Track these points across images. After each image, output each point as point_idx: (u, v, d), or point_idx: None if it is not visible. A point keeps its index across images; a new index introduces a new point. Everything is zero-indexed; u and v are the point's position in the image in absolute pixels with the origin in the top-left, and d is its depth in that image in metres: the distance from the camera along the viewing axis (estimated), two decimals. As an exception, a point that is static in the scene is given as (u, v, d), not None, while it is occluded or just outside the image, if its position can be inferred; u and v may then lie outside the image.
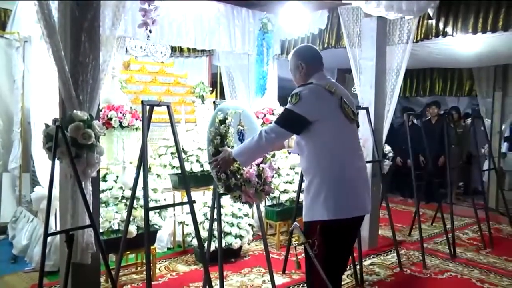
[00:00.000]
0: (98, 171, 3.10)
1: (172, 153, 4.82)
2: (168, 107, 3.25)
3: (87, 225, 2.71)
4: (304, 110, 2.55)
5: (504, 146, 9.64)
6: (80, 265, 2.79)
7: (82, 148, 2.75)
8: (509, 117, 7.72)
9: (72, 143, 2.67)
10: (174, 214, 4.94)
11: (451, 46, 5.84)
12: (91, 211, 2.74)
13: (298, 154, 2.84)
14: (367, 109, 4.77)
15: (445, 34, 4.89)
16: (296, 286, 4.04)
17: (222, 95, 6.83)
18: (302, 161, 2.77)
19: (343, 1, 4.32)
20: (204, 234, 4.15)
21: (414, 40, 5.10)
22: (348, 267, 4.36)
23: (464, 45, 5.74)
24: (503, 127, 7.76)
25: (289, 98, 2.63)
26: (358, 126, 2.83)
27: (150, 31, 3.40)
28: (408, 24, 5.07)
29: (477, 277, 4.34)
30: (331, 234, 2.60)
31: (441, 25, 4.88)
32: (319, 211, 2.59)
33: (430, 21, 4.99)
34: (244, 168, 3.22)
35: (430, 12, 4.91)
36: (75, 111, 2.74)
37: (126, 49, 5.86)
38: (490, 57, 6.67)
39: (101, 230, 3.84)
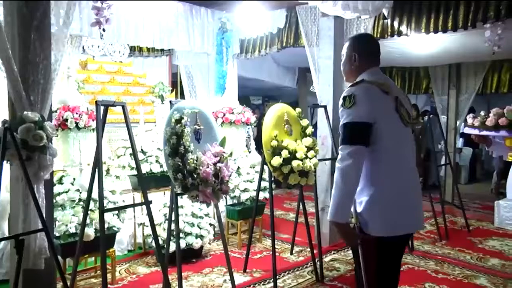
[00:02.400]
0: (52, 174, 3.03)
1: (131, 154, 4.76)
2: (123, 107, 3.20)
3: (39, 229, 2.65)
4: (363, 113, 2.19)
5: (460, 142, 9.98)
6: (34, 271, 2.73)
7: (34, 150, 2.69)
8: (463, 114, 7.99)
9: (23, 145, 2.61)
10: (134, 216, 4.88)
11: (407, 46, 6.00)
12: (44, 214, 2.68)
13: None
14: (325, 107, 4.85)
15: (400, 33, 5.02)
16: (256, 284, 4.06)
17: (182, 95, 6.79)
18: None
19: (300, 1, 4.36)
20: (165, 234, 4.12)
21: (371, 39, 5.20)
22: (309, 263, 4.48)
23: (420, 44, 5.92)
24: (458, 123, 8.03)
25: (341, 101, 2.28)
26: (413, 131, 2.50)
27: (103, 30, 3.35)
28: (365, 24, 5.16)
29: (432, 268, 4.49)
30: (386, 251, 2.30)
31: (396, 24, 5.01)
32: (376, 225, 2.25)
33: (385, 21, 5.11)
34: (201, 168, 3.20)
35: (385, 12, 5.02)
36: (25, 112, 2.68)
37: (83, 48, 5.74)
38: (444, 56, 6.90)
39: (57, 234, 3.77)
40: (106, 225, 3.85)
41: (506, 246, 5.35)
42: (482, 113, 3.69)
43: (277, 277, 4.00)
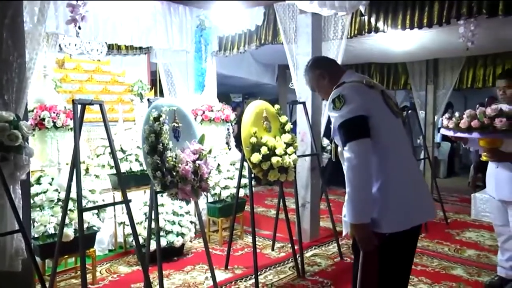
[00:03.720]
0: (28, 174, 2.99)
1: (110, 153, 4.72)
2: (100, 105, 3.17)
3: (15, 230, 2.61)
4: (356, 108, 2.15)
5: (438, 137, 10.13)
6: (11, 273, 2.69)
7: (9, 150, 2.64)
8: (441, 109, 8.13)
9: (-3, 145, 2.57)
10: (115, 215, 4.84)
11: (385, 42, 6.07)
12: (21, 215, 2.65)
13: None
14: (304, 103, 4.87)
15: (377, 30, 5.07)
16: (238, 281, 4.07)
17: (161, 93, 6.76)
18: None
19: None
20: (146, 233, 4.10)
21: (349, 36, 5.26)
22: (290, 259, 4.51)
23: (397, 41, 5.99)
24: (436, 118, 8.15)
25: (330, 106, 2.23)
26: (404, 122, 2.48)
27: (79, 28, 3.31)
28: (342, 21, 5.21)
29: (411, 262, 4.56)
30: (393, 250, 2.21)
31: (373, 21, 5.06)
32: (389, 221, 2.16)
33: (362, 18, 5.16)
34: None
35: (362, 9, 5.07)
36: (-1, 112, 2.63)
37: (60, 46, 5.66)
38: (421, 52, 7.00)
39: (36, 235, 3.73)
40: (86, 225, 3.83)
41: (482, 237, 5.46)
42: (457, 114, 3.74)
43: (259, 273, 4.02)
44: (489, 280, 4.01)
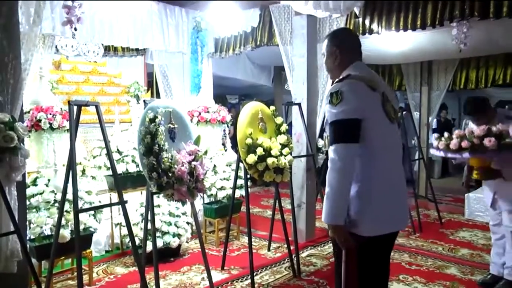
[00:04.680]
0: (24, 175, 2.97)
1: (106, 154, 4.70)
2: (96, 107, 3.15)
3: (10, 231, 2.59)
4: (351, 109, 2.11)
5: (432, 137, 10.12)
6: (6, 275, 2.67)
7: (4, 152, 2.63)
8: (435, 110, 8.14)
9: (-8, 146, 2.55)
10: (111, 216, 4.82)
11: (380, 44, 6.06)
12: (17, 217, 2.62)
13: None
14: (299, 104, 4.86)
15: (371, 31, 5.06)
16: (234, 281, 4.06)
17: (158, 95, 6.73)
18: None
19: (272, 0, 4.37)
20: (142, 234, 4.08)
21: (343, 38, 5.24)
22: (286, 259, 4.49)
23: (392, 42, 5.99)
24: (430, 119, 8.16)
25: (328, 98, 2.21)
26: (399, 126, 2.41)
27: (75, 29, 3.29)
28: (337, 22, 5.20)
29: (406, 260, 4.56)
30: (370, 252, 2.22)
31: (367, 23, 5.05)
32: (366, 225, 2.18)
33: (357, 20, 5.15)
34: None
35: (356, 10, 5.06)
36: (-6, 113, 2.61)
37: (56, 48, 5.63)
38: (416, 54, 7.00)
39: (32, 236, 3.70)
40: (82, 226, 3.81)
41: (475, 237, 5.48)
42: (446, 134, 3.79)
43: (255, 273, 4.01)
44: (482, 279, 4.02)
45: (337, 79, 2.31)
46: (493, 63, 7.38)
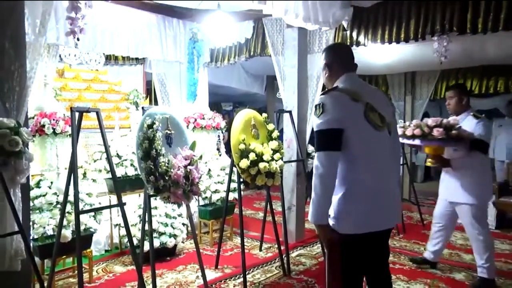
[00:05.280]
0: (28, 178, 2.97)
1: (106, 158, 4.70)
2: (97, 113, 3.16)
3: (15, 231, 2.59)
4: (332, 120, 2.21)
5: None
6: (11, 273, 2.66)
7: (10, 156, 2.62)
8: (419, 118, 8.21)
9: (-1, 150, 2.55)
10: (111, 217, 4.81)
11: (366, 55, 6.13)
12: (21, 217, 2.63)
13: None
14: (290, 112, 4.90)
15: (358, 43, 5.13)
16: (227, 280, 4.07)
17: (156, 102, 6.75)
18: None
19: (265, 13, 4.40)
20: (140, 234, 4.09)
21: (332, 49, 5.29)
22: (277, 259, 4.51)
23: (378, 54, 6.06)
24: (413, 126, 8.22)
25: (313, 110, 2.40)
26: (390, 132, 2.40)
27: (78, 39, 3.30)
28: (326, 35, 5.26)
29: (390, 260, 4.53)
30: (349, 249, 2.30)
31: (354, 35, 5.13)
32: (346, 223, 2.27)
33: (345, 32, 5.22)
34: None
35: (345, 24, 5.13)
36: (1, 119, 2.61)
37: (60, 57, 5.64)
38: (400, 65, 7.09)
39: (35, 236, 3.70)
40: (83, 227, 3.81)
41: (454, 237, 5.52)
42: (407, 123, 4.01)
43: (247, 272, 4.03)
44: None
45: (322, 91, 2.39)
46: (470, 74, 7.52)
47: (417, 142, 3.74)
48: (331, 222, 2.27)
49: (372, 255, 2.41)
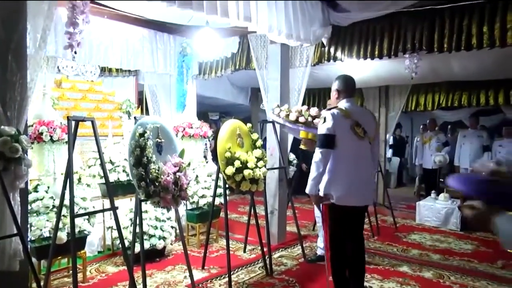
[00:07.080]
0: (27, 182, 2.97)
1: (100, 165, 4.69)
2: (92, 122, 3.19)
3: (14, 233, 2.59)
4: (329, 128, 3.08)
5: (389, 152, 10.41)
6: (9, 273, 2.66)
7: (10, 162, 2.63)
8: (392, 129, 8.39)
9: (0, 156, 2.56)
10: (104, 220, 4.80)
11: (344, 70, 6.23)
12: (19, 220, 2.63)
13: None
14: (273, 122, 4.93)
15: (335, 59, 5.26)
16: (214, 279, 4.09)
17: (147, 111, 6.75)
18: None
19: (250, 30, 4.47)
20: (131, 236, 4.09)
21: (312, 64, 5.41)
22: (260, 260, 4.54)
23: (354, 69, 6.17)
24: (387, 136, 8.39)
25: (321, 119, 3.17)
26: (370, 142, 3.23)
27: (75, 52, 3.32)
28: (307, 50, 5.36)
29: (366, 261, 4.64)
30: (335, 214, 3.18)
31: (332, 51, 5.24)
32: (335, 197, 3.12)
33: (324, 48, 5.33)
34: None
35: (324, 41, 5.24)
36: (2, 127, 2.62)
37: (58, 68, 5.64)
38: (375, 80, 7.23)
39: (32, 238, 3.68)
40: (77, 229, 3.80)
41: (424, 239, 5.66)
42: (286, 105, 4.39)
43: (232, 272, 4.04)
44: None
45: (328, 108, 3.30)
46: (438, 89, 7.75)
47: (300, 127, 4.43)
48: (321, 194, 3.15)
49: (351, 222, 3.23)
